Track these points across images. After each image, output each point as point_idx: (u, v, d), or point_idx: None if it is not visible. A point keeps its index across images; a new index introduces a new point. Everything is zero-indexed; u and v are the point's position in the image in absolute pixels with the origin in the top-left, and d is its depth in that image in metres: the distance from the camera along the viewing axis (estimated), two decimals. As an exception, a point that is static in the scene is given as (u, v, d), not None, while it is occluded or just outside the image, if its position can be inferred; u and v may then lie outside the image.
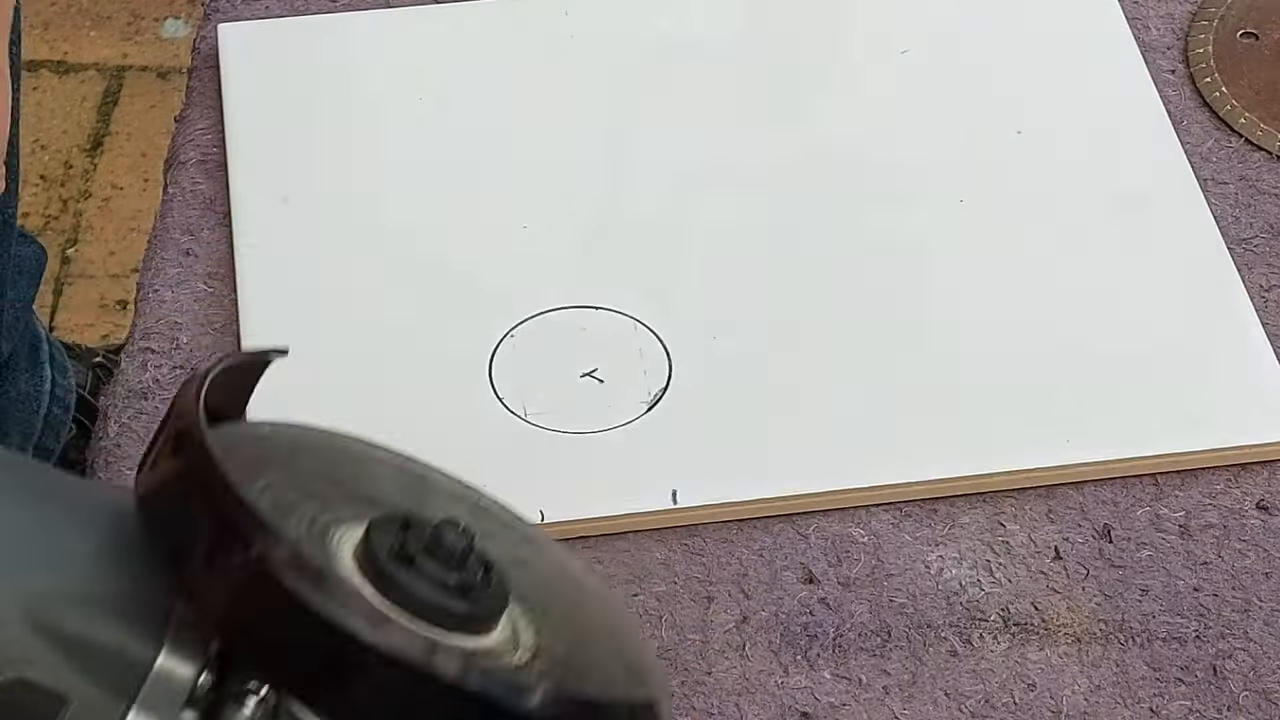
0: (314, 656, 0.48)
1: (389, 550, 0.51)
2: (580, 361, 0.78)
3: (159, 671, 0.49)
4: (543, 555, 0.60)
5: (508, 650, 0.53)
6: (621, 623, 0.60)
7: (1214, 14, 0.92)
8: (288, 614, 0.47)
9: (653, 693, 0.54)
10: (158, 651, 0.49)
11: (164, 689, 0.49)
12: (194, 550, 0.48)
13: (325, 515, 0.52)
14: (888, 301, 0.80)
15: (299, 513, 0.52)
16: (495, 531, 0.59)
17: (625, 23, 0.91)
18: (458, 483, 0.59)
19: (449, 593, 0.51)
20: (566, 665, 0.54)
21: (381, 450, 0.59)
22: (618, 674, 0.56)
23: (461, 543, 0.52)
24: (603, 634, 0.58)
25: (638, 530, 0.75)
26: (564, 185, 0.85)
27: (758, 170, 0.85)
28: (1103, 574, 0.74)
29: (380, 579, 0.50)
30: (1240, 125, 0.88)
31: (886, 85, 0.89)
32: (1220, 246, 0.82)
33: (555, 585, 0.59)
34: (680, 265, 0.82)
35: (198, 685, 0.49)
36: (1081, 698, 0.70)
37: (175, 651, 0.49)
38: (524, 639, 0.54)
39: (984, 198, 0.84)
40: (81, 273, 1.74)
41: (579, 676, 0.54)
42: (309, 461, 0.56)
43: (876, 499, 0.75)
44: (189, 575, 0.49)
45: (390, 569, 0.50)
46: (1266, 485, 0.77)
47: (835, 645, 0.72)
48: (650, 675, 0.56)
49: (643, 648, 0.59)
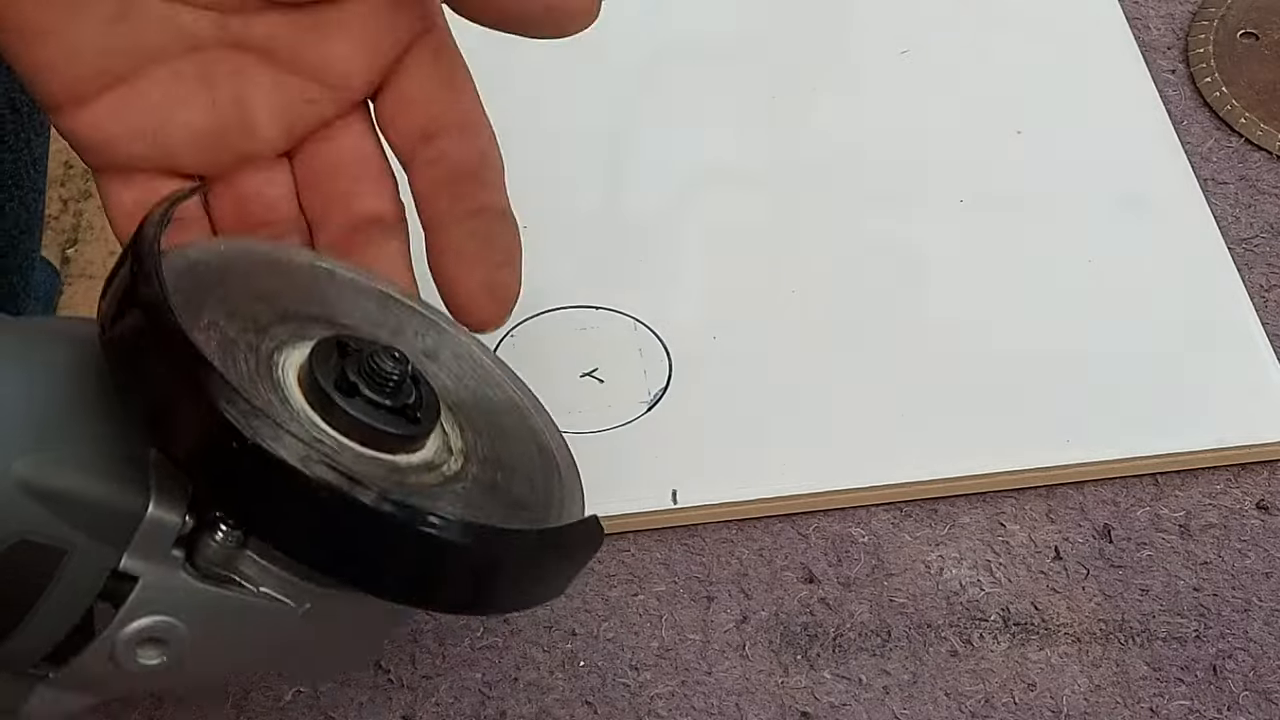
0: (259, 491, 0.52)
1: (331, 380, 0.56)
2: (580, 361, 0.78)
3: (150, 521, 0.53)
4: (447, 341, 0.65)
5: (444, 458, 0.58)
6: (523, 400, 0.65)
7: (1214, 14, 0.92)
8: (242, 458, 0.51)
9: (563, 480, 0.61)
10: (147, 502, 0.53)
11: (155, 535, 0.53)
12: (158, 405, 0.53)
13: (266, 343, 0.57)
14: (888, 301, 0.81)
15: (244, 345, 0.57)
16: (405, 323, 0.64)
17: (625, 23, 0.91)
18: (360, 273, 0.65)
19: (388, 416, 0.56)
20: (494, 462, 0.60)
21: (290, 251, 0.65)
22: (534, 461, 0.62)
23: (398, 369, 0.57)
24: (511, 417, 0.64)
25: (638, 530, 0.75)
26: (564, 185, 0.85)
27: (758, 170, 0.85)
28: (1103, 574, 0.74)
29: (327, 410, 0.56)
30: (1240, 125, 0.88)
31: (886, 85, 0.89)
32: (1220, 246, 0.83)
33: (465, 375, 0.64)
34: (680, 265, 0.82)
35: (184, 525, 0.54)
36: (1081, 697, 0.70)
37: (161, 500, 0.53)
38: (454, 442, 0.59)
39: (984, 198, 0.84)
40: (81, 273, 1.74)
41: (507, 471, 0.60)
42: (239, 279, 0.60)
43: (876, 499, 0.75)
44: (154, 427, 0.53)
45: (335, 400, 0.56)
46: (1266, 485, 0.77)
47: (835, 645, 0.72)
48: (559, 455, 0.62)
49: (545, 422, 0.64)
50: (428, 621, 0.72)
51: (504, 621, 0.72)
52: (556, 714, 0.70)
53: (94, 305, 0.56)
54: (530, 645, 0.71)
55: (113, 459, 0.53)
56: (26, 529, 0.52)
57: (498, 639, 0.72)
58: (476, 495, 0.58)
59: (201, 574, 0.54)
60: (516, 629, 0.72)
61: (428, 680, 0.71)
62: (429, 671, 0.71)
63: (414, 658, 0.71)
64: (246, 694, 0.70)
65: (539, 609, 0.72)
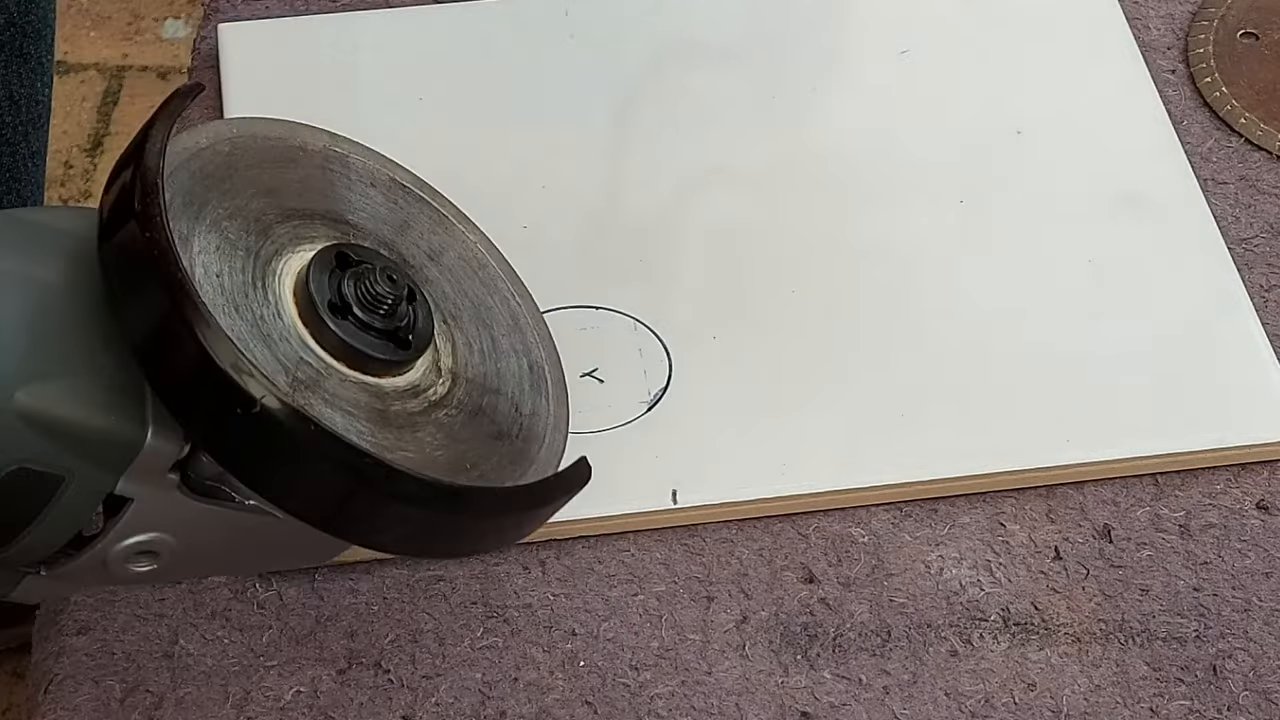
0: (258, 453, 0.53)
1: (325, 298, 0.56)
2: (580, 361, 0.78)
3: (148, 449, 0.54)
4: (455, 240, 0.65)
5: (430, 381, 0.58)
6: (522, 308, 0.65)
7: (1214, 14, 0.92)
8: (230, 408, 0.52)
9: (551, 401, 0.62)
10: (145, 432, 0.54)
11: (153, 461, 0.54)
12: (147, 336, 0.53)
13: (266, 246, 0.57)
14: (887, 301, 0.80)
15: (242, 249, 0.56)
16: (413, 218, 0.64)
17: (625, 23, 0.91)
18: (377, 160, 0.65)
19: (379, 340, 0.56)
20: (481, 386, 0.60)
21: (308, 133, 0.64)
22: (524, 380, 0.62)
23: (393, 292, 0.57)
24: (507, 329, 0.64)
25: (638, 530, 0.75)
26: (564, 185, 0.85)
27: (758, 170, 0.85)
28: (1103, 574, 0.74)
29: (318, 329, 0.56)
30: (1240, 125, 0.88)
31: (886, 85, 0.89)
32: (1220, 246, 0.82)
33: (466, 279, 0.64)
34: (680, 265, 0.82)
35: (180, 451, 0.54)
36: (1081, 698, 0.70)
37: (160, 429, 0.54)
38: (443, 362, 0.59)
39: (984, 198, 0.84)
40: (81, 273, 1.74)
41: (492, 395, 0.60)
42: (245, 172, 0.60)
43: (876, 499, 0.75)
44: (144, 357, 0.53)
45: (326, 320, 0.56)
46: (1266, 485, 0.77)
47: (835, 645, 0.72)
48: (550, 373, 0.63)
49: (541, 334, 0.65)
50: (428, 621, 0.72)
51: (504, 622, 0.72)
52: (556, 714, 0.70)
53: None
54: (530, 645, 0.71)
55: (111, 388, 0.54)
56: (26, 457, 0.53)
57: (498, 639, 0.72)
58: (459, 424, 0.58)
59: (193, 489, 0.55)
60: (517, 629, 0.72)
61: (428, 680, 0.71)
62: (429, 671, 0.71)
63: (414, 658, 0.71)
64: (247, 694, 0.70)
65: (539, 609, 0.72)
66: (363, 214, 0.61)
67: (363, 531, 0.55)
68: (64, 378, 0.53)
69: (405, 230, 0.63)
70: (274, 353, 0.54)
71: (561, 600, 0.73)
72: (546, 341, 0.64)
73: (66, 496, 0.53)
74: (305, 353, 0.55)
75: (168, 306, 0.52)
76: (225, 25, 0.90)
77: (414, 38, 0.90)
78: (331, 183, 0.62)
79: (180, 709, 0.69)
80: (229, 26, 0.90)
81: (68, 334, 0.54)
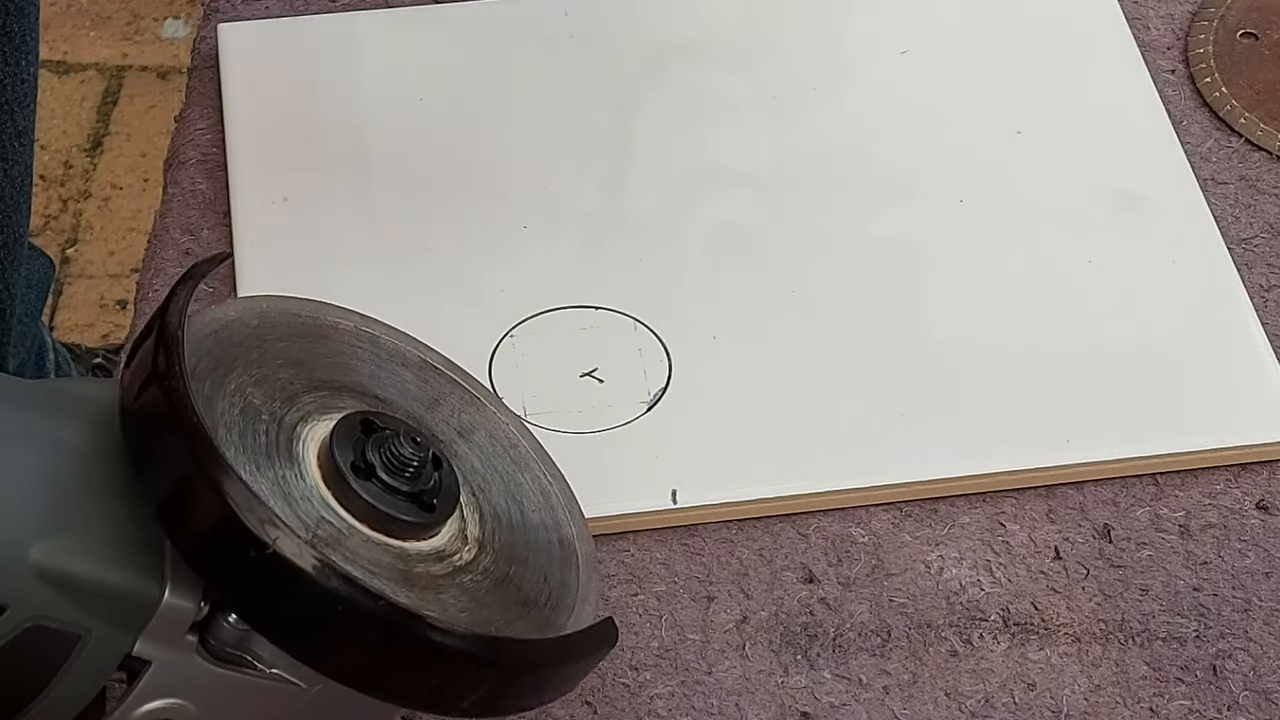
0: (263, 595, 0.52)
1: (349, 460, 0.55)
2: (580, 361, 0.78)
3: (165, 608, 0.53)
4: (486, 419, 0.64)
5: (456, 548, 0.57)
6: (553, 486, 0.64)
7: (1214, 14, 0.92)
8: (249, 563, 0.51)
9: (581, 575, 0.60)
10: (163, 589, 0.53)
11: (170, 621, 0.53)
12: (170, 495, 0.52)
13: (291, 413, 0.57)
14: (888, 301, 0.80)
15: (267, 415, 0.56)
16: (443, 396, 0.63)
17: (625, 23, 0.91)
18: (406, 341, 0.64)
19: (404, 503, 0.56)
20: (509, 556, 0.59)
21: (337, 313, 0.63)
22: (553, 554, 0.61)
23: (418, 455, 0.56)
24: (537, 505, 0.63)
25: (638, 530, 0.75)
26: (564, 185, 0.85)
27: (758, 170, 0.85)
28: (1103, 574, 0.74)
29: (341, 490, 0.55)
30: (1240, 125, 0.88)
31: (886, 85, 0.89)
32: (1220, 246, 0.82)
33: (496, 457, 0.64)
34: (680, 265, 0.82)
35: (199, 611, 0.53)
36: (1081, 697, 0.70)
37: (178, 587, 0.53)
38: (470, 530, 0.58)
39: (984, 198, 0.84)
40: (81, 273, 1.74)
41: (520, 565, 0.59)
42: (273, 344, 0.59)
43: (876, 499, 0.75)
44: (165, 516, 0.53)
45: (350, 482, 0.55)
46: (1266, 485, 0.77)
47: (835, 645, 0.72)
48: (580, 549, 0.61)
49: (572, 512, 0.63)
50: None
51: (504, 621, 0.72)
52: (556, 714, 0.70)
53: (93, 305, 0.56)
54: (530, 645, 0.71)
55: (129, 545, 0.53)
56: (41, 614, 0.52)
57: (498, 639, 0.72)
58: (484, 589, 0.57)
59: (214, 655, 0.54)
60: (516, 629, 0.72)
61: (428, 680, 0.70)
62: (429, 671, 0.71)
63: (414, 658, 0.71)
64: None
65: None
66: (392, 390, 0.61)
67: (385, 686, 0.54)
68: (82, 534, 0.53)
69: (435, 407, 0.62)
70: (295, 510, 0.54)
71: (561, 600, 0.73)
72: (578, 520, 0.63)
73: (83, 657, 0.52)
74: (327, 513, 0.54)
75: (187, 457, 0.51)
76: (225, 25, 0.90)
77: (414, 38, 0.90)
78: (361, 359, 0.62)
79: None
80: (229, 26, 0.90)
81: (87, 493, 0.53)
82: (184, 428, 0.52)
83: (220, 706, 0.54)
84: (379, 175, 0.85)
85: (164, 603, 0.53)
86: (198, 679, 0.54)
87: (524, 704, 0.56)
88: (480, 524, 0.59)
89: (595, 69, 0.89)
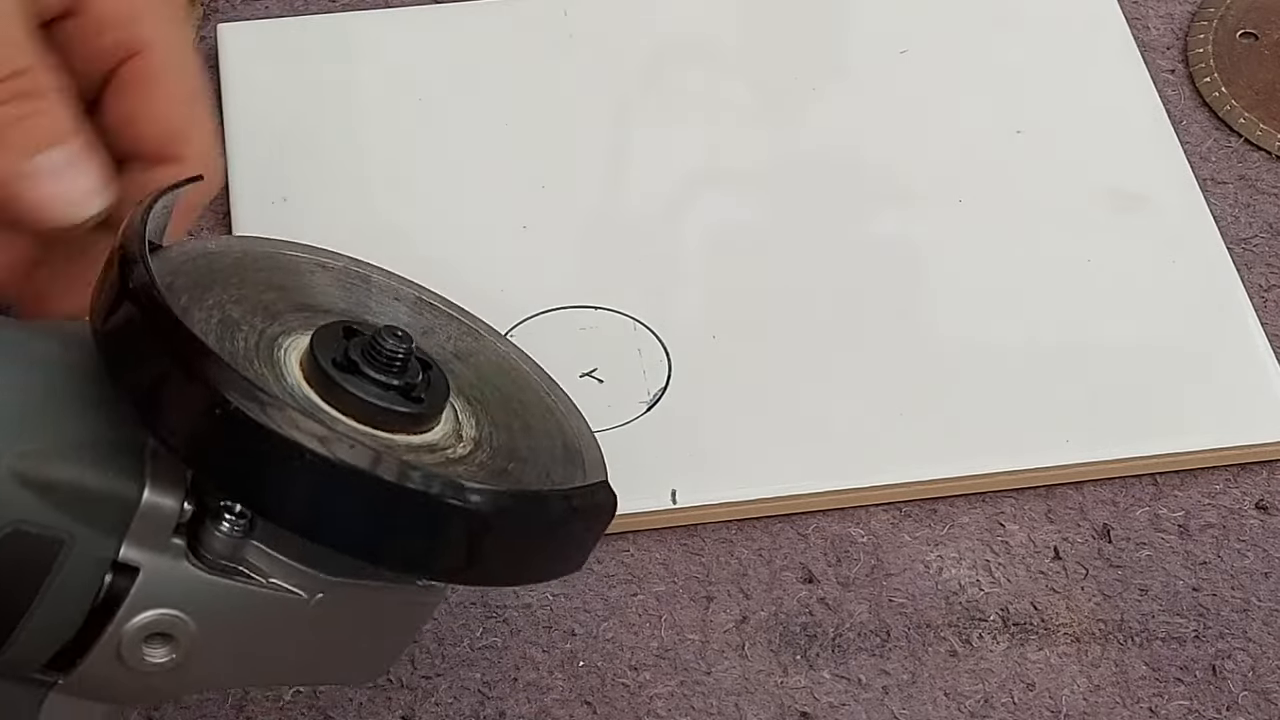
0: (270, 475, 0.50)
1: (332, 359, 0.54)
2: (579, 361, 0.78)
3: (145, 507, 0.52)
4: (483, 346, 0.63)
5: (450, 443, 0.56)
6: (559, 405, 0.63)
7: (1214, 14, 0.92)
8: (245, 439, 0.50)
9: (588, 475, 0.58)
10: (142, 488, 0.52)
11: (152, 521, 0.52)
12: (151, 388, 0.51)
13: (273, 327, 0.56)
14: (887, 301, 0.81)
15: (246, 327, 0.55)
16: (438, 326, 0.62)
17: (625, 23, 0.91)
18: (401, 280, 0.63)
19: (391, 395, 0.54)
20: (507, 453, 0.58)
21: (327, 255, 0.62)
22: (556, 455, 0.60)
23: (401, 347, 0.55)
24: (540, 417, 0.62)
25: (637, 530, 0.75)
26: (564, 185, 0.85)
27: (758, 170, 0.85)
28: (1102, 574, 0.74)
29: (325, 387, 0.54)
30: (1240, 125, 0.88)
31: (886, 85, 0.89)
32: (1220, 246, 0.83)
33: (495, 376, 0.62)
34: (680, 265, 0.82)
35: (182, 512, 0.52)
36: (1081, 698, 0.70)
37: (157, 486, 0.52)
38: (466, 431, 0.57)
39: (983, 198, 0.84)
40: (82, 272, 1.74)
41: (519, 462, 0.58)
42: (255, 273, 0.58)
43: (876, 499, 0.75)
44: (150, 412, 0.51)
45: (334, 377, 0.54)
46: (1266, 485, 0.77)
47: (835, 645, 0.72)
48: (586, 454, 0.60)
49: (579, 427, 0.62)
50: (427, 621, 0.72)
51: (503, 622, 0.72)
52: (556, 714, 0.70)
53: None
54: (530, 645, 0.71)
55: (107, 447, 0.53)
56: (20, 518, 0.52)
57: (497, 639, 0.72)
58: (481, 477, 0.55)
59: (207, 565, 0.53)
60: (516, 629, 0.72)
61: (427, 680, 0.71)
62: (429, 671, 0.71)
63: (413, 658, 0.71)
64: (246, 694, 0.70)
65: (538, 609, 0.72)
66: (383, 318, 0.59)
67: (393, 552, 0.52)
68: (58, 439, 0.52)
69: (429, 335, 0.61)
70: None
71: (560, 600, 0.73)
72: (586, 435, 0.61)
73: (67, 563, 0.52)
74: (312, 409, 0.53)
75: (164, 350, 0.51)
76: (225, 25, 0.90)
77: (413, 38, 0.90)
78: (350, 292, 0.60)
79: (180, 709, 0.69)
80: (228, 26, 0.90)
81: (64, 402, 0.53)
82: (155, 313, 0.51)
83: (217, 619, 0.53)
84: (379, 175, 0.85)
85: (144, 501, 0.52)
86: (191, 588, 0.53)
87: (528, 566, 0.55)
88: (477, 426, 0.58)
89: (595, 69, 0.89)
